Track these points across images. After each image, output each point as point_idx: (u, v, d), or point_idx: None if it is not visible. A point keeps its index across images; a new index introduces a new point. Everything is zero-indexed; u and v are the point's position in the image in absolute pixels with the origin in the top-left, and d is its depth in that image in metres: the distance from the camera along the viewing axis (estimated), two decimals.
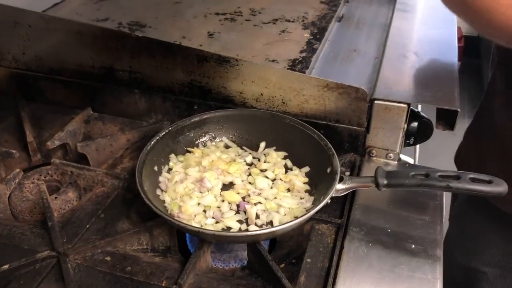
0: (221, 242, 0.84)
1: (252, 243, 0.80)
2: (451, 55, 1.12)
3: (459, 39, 3.33)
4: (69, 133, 1.10)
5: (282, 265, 0.83)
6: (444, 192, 0.91)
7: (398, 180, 0.80)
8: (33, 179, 1.03)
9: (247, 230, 0.83)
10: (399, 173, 0.82)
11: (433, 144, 1.20)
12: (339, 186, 0.84)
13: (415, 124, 0.99)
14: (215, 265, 0.86)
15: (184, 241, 0.92)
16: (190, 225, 0.78)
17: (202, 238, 0.81)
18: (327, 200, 0.81)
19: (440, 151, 2.64)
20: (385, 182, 0.81)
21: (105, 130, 1.15)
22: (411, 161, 1.36)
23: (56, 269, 0.80)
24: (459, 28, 3.20)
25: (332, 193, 0.82)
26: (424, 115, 1.03)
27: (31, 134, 1.10)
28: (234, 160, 0.97)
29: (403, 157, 1.25)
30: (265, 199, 0.88)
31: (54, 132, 1.10)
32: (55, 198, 0.97)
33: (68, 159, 1.09)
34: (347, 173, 0.98)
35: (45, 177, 1.03)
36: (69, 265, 0.80)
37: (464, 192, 0.78)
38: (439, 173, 0.79)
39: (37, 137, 1.12)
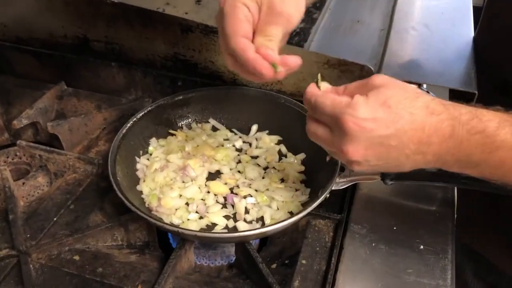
0: (204, 242, 0.75)
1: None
2: (466, 28, 1.01)
3: None
4: (40, 111, 1.00)
5: (274, 266, 0.74)
6: None
7: (407, 174, 0.70)
8: None
9: (234, 227, 0.75)
10: None
11: None
12: (340, 178, 0.75)
13: None
14: (199, 262, 0.77)
15: (165, 234, 0.82)
16: (169, 224, 0.69)
17: (183, 238, 0.71)
18: (325, 194, 0.71)
19: None
20: (393, 175, 0.71)
21: (80, 107, 1.04)
22: None
23: (16, 270, 0.71)
24: None
25: (332, 187, 0.73)
26: (433, 94, 0.93)
27: None
28: (222, 145, 0.87)
29: None
30: (256, 191, 0.80)
31: (23, 109, 1.00)
32: (23, 183, 0.88)
33: (39, 139, 0.99)
34: None
35: (12, 159, 0.94)
36: (31, 265, 0.71)
37: (483, 188, 0.68)
38: None
39: (4, 114, 1.03)
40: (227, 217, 0.76)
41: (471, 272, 1.12)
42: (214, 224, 0.75)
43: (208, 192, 0.79)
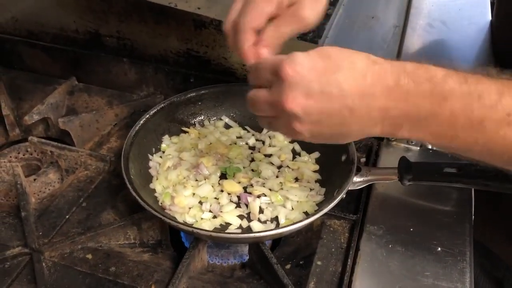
0: (218, 242, 0.74)
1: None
2: (484, 25, 0.99)
3: None
4: (51, 106, 0.99)
5: (288, 266, 0.73)
6: None
7: (426, 176, 0.69)
8: (10, 157, 0.93)
9: (248, 227, 0.73)
10: (427, 167, 0.71)
11: None
12: (356, 178, 0.73)
13: None
14: (211, 261, 0.76)
15: (177, 232, 0.81)
16: (182, 224, 0.68)
17: (197, 237, 0.70)
18: (342, 195, 0.70)
19: None
20: (411, 176, 0.70)
21: (91, 103, 1.03)
22: None
23: (28, 268, 0.70)
24: None
25: (348, 187, 0.71)
26: None
27: (8, 106, 1.00)
28: (235, 143, 0.86)
29: None
30: (270, 190, 0.78)
31: (34, 104, 1.00)
32: (34, 180, 0.87)
33: (50, 135, 0.98)
34: (363, 159, 0.87)
35: (23, 155, 0.93)
36: (43, 264, 0.70)
37: (504, 190, 0.67)
38: (475, 167, 0.67)
39: (15, 109, 1.02)
40: (241, 216, 0.75)
41: (478, 267, 1.10)
42: (228, 223, 0.74)
43: (222, 191, 0.78)
